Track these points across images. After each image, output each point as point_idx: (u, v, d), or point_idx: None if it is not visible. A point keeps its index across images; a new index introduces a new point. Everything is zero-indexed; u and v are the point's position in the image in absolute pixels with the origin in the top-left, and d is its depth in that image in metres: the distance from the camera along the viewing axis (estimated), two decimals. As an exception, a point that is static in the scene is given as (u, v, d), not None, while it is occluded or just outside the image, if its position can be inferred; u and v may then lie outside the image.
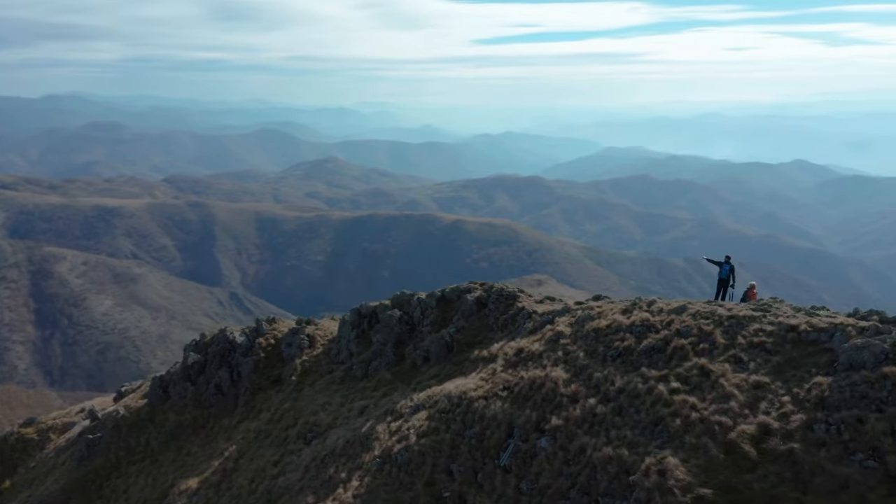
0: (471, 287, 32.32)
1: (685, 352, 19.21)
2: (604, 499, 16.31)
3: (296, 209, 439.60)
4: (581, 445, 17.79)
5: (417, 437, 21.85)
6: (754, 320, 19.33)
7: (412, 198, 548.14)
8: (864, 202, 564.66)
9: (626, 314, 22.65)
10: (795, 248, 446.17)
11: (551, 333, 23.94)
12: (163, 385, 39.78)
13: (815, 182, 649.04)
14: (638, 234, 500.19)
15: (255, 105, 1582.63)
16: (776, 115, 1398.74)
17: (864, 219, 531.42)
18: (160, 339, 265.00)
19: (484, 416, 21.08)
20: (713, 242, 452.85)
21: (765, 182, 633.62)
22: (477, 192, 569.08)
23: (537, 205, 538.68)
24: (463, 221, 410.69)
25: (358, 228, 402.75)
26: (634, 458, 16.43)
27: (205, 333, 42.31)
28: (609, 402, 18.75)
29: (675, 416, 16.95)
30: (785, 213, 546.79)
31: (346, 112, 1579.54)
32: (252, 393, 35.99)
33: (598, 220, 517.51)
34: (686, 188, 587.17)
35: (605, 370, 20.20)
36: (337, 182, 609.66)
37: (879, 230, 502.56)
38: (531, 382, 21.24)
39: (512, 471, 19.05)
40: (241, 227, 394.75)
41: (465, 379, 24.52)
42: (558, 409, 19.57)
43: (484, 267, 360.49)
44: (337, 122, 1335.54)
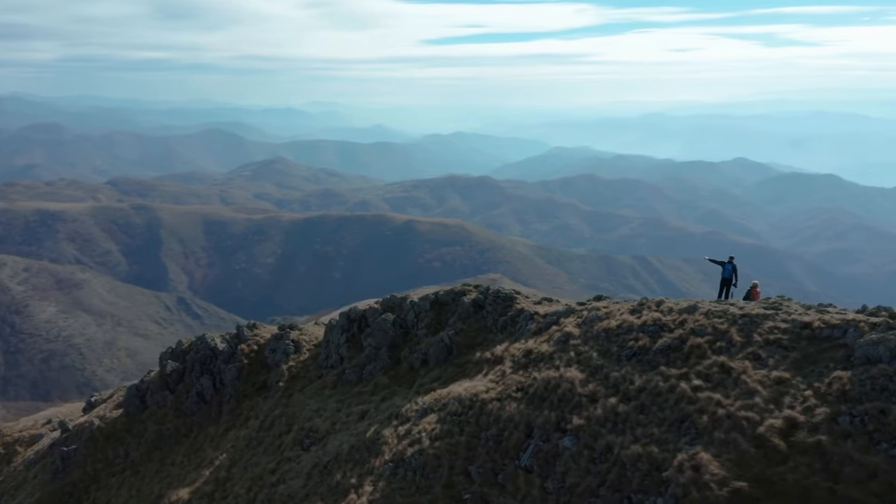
0: (465, 289, 32.40)
1: (703, 350, 19.67)
2: (636, 495, 16.64)
3: (244, 211, 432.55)
4: (607, 444, 18.11)
5: (431, 440, 21.85)
6: (767, 318, 19.91)
7: (363, 198, 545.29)
8: (802, 198, 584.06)
9: (635, 314, 23.03)
10: (739, 244, 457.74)
11: (559, 334, 24.16)
12: (139, 394, 38.69)
13: (756, 180, 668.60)
14: (587, 233, 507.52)
15: (201, 105, 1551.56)
16: (718, 115, 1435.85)
17: (803, 215, 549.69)
18: (106, 346, 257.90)
19: (500, 418, 21.21)
20: (660, 240, 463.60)
21: (708, 180, 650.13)
22: (428, 193, 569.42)
23: (488, 205, 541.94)
24: (415, 222, 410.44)
25: (308, 230, 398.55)
26: (665, 454, 16.81)
27: (181, 341, 41.34)
28: (630, 401, 19.09)
29: (702, 412, 17.40)
30: (728, 210, 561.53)
31: (294, 112, 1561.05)
32: (237, 400, 35.32)
33: (548, 220, 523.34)
34: (632, 187, 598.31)
35: (621, 370, 20.52)
36: (286, 183, 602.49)
37: (818, 226, 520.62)
38: (546, 383, 21.45)
39: (534, 471, 19.26)
40: (188, 230, 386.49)
41: (473, 381, 24.61)
42: (578, 409, 19.83)
43: (437, 267, 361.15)
44: (285, 123, 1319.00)
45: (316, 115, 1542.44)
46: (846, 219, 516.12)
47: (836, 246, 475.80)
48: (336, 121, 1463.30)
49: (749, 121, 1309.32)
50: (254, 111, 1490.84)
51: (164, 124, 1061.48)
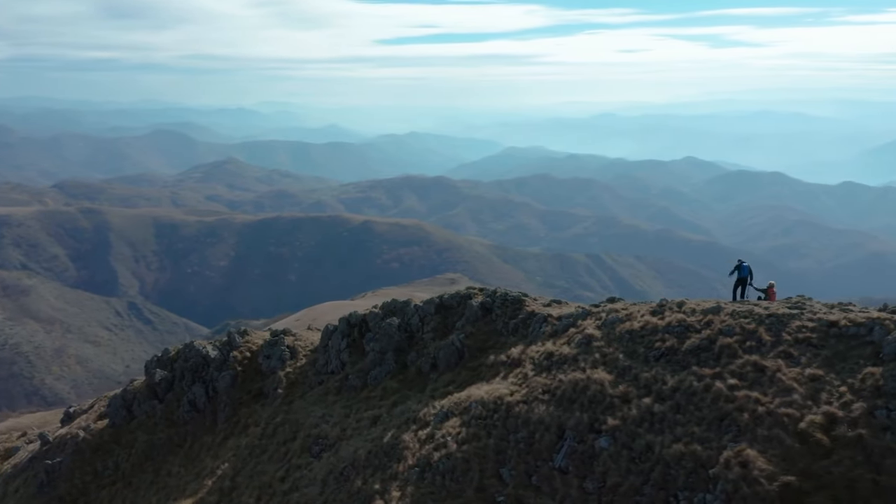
0: (470, 293, 32.38)
1: (733, 350, 20.14)
2: (683, 493, 17.01)
3: (196, 213, 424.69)
4: (647, 443, 18.43)
5: (458, 444, 21.86)
6: (794, 317, 20.51)
7: (318, 199, 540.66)
8: (749, 196, 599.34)
9: (656, 315, 23.40)
10: (689, 241, 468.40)
11: (580, 336, 24.35)
12: (125, 404, 37.59)
13: (704, 178, 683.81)
14: (542, 232, 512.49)
15: (150, 106, 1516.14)
16: (667, 115, 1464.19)
17: (750, 212, 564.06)
18: (56, 354, 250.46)
19: (529, 420, 21.34)
20: (612, 238, 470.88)
21: (658, 179, 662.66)
22: (385, 193, 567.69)
23: (445, 204, 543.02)
24: (372, 222, 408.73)
25: (262, 232, 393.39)
26: (710, 452, 17.23)
27: (168, 349, 40.33)
28: (665, 401, 19.45)
29: (742, 410, 17.89)
30: (678, 208, 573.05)
31: (245, 112, 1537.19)
32: (233, 408, 34.63)
33: (503, 219, 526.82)
34: (585, 186, 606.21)
35: (651, 370, 20.84)
36: (238, 184, 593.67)
37: (765, 222, 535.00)
38: (573, 385, 21.64)
39: (570, 471, 19.45)
40: (138, 234, 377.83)
41: (492, 384, 24.65)
42: (611, 410, 20.11)
43: (395, 268, 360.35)
44: (236, 123, 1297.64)
45: (268, 116, 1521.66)
46: (792, 215, 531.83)
47: (783, 242, 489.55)
48: (289, 121, 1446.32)
49: (697, 120, 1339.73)
50: (204, 111, 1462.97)
51: (113, 125, 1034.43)
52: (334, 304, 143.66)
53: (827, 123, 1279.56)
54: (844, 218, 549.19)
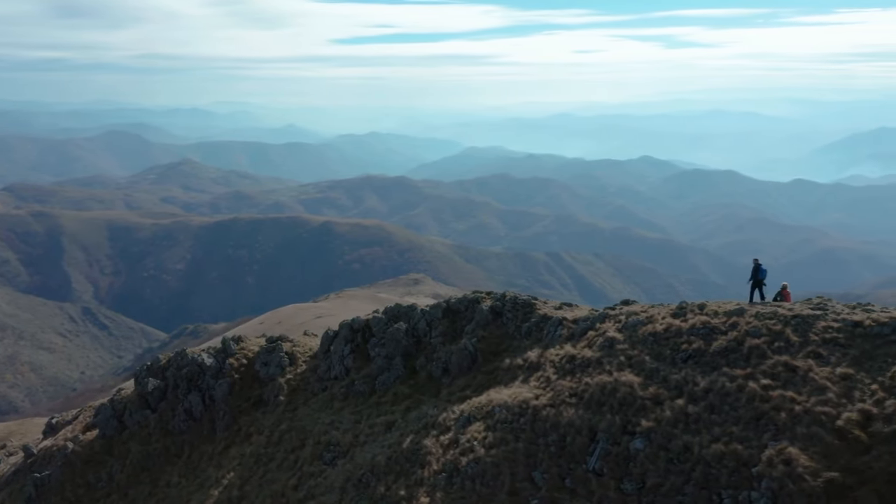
0: (478, 297, 32.35)
1: (762, 350, 20.60)
2: (726, 491, 17.39)
3: (151, 216, 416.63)
4: (685, 444, 18.75)
5: (486, 448, 21.90)
6: (818, 318, 21.09)
7: (276, 200, 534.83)
8: (704, 194, 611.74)
9: (678, 318, 23.74)
10: (646, 238, 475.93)
11: (602, 339, 24.53)
12: (116, 414, 36.62)
13: (660, 177, 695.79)
14: (502, 231, 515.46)
15: (102, 106, 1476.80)
16: (623, 115, 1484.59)
17: (704, 209, 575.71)
18: (8, 361, 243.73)
19: (559, 424, 21.48)
20: (571, 236, 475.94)
21: (615, 178, 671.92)
22: (345, 193, 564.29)
23: (406, 205, 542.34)
24: (332, 223, 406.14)
25: (220, 234, 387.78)
26: (751, 451, 17.67)
27: (159, 357, 39.41)
28: (699, 402, 19.80)
29: (778, 409, 18.36)
30: (635, 206, 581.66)
31: (200, 112, 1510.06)
32: (232, 416, 34.03)
33: (464, 219, 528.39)
34: (544, 185, 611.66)
35: (681, 372, 21.16)
36: (194, 186, 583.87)
37: (719, 219, 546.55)
38: (601, 388, 21.84)
39: (605, 473, 19.66)
40: (92, 237, 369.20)
41: (514, 388, 24.69)
42: (643, 412, 20.39)
43: (356, 269, 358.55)
44: (191, 123, 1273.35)
45: (224, 116, 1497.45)
46: (745, 212, 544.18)
47: (737, 238, 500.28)
48: (245, 121, 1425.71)
49: (652, 120, 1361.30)
50: (158, 112, 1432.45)
51: (64, 127, 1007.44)
52: (298, 306, 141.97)
53: (778, 122, 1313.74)
54: (796, 214, 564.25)
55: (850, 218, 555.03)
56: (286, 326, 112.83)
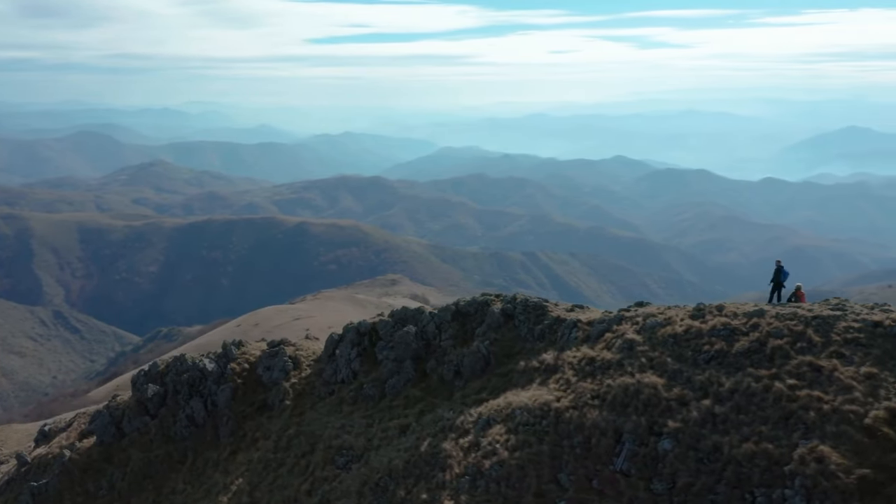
0: (487, 299, 32.38)
1: (785, 351, 20.93)
2: (759, 490, 17.74)
3: (123, 217, 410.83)
4: (714, 444, 19.02)
5: (509, 451, 21.95)
6: (839, 319, 21.50)
7: (250, 201, 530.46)
8: (677, 193, 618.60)
9: (697, 319, 23.98)
10: (620, 237, 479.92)
11: (620, 341, 24.68)
12: (114, 421, 36.01)
13: (633, 176, 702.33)
14: (478, 231, 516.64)
15: (72, 107, 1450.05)
16: (596, 115, 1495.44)
17: (677, 208, 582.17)
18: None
19: (583, 426, 21.61)
20: (547, 236, 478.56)
21: (589, 178, 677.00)
22: (320, 194, 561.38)
23: (381, 205, 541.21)
24: (308, 224, 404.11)
25: (193, 235, 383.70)
26: (782, 450, 18.04)
27: (157, 362, 38.85)
28: (725, 403, 20.06)
29: (807, 409, 18.71)
30: (609, 206, 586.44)
31: (172, 113, 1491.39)
32: (237, 422, 33.68)
33: (440, 219, 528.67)
34: (520, 185, 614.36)
35: (704, 373, 21.39)
36: (166, 187, 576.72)
37: (692, 218, 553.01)
38: (624, 389, 22.01)
39: (632, 474, 19.87)
40: (62, 240, 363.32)
41: (532, 391, 24.77)
42: (669, 413, 20.61)
43: (332, 269, 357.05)
44: (163, 124, 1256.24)
45: (196, 116, 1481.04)
46: (717, 211, 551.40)
47: (709, 237, 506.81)
48: (218, 121, 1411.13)
49: (625, 120, 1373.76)
50: (129, 112, 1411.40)
51: (33, 128, 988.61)
52: (275, 308, 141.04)
53: (748, 122, 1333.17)
54: (766, 213, 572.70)
55: (820, 216, 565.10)
56: (264, 328, 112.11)
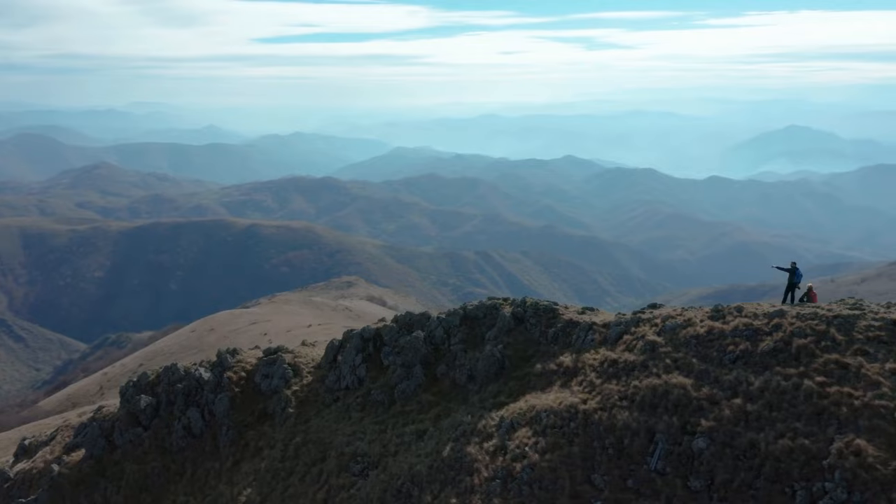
0: (496, 303, 32.54)
1: (810, 350, 21.64)
2: (799, 484, 18.39)
3: (67, 222, 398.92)
4: (750, 441, 19.62)
5: (540, 453, 22.20)
6: (858, 318, 22.34)
7: (199, 203, 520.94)
8: (625, 192, 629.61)
9: (718, 320, 24.60)
10: (571, 236, 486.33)
11: (642, 343, 25.12)
12: (104, 433, 34.93)
13: (583, 175, 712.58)
14: (432, 231, 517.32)
15: (11, 108, 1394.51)
16: (546, 115, 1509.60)
17: (626, 206, 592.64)
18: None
19: (614, 427, 21.99)
20: (500, 235, 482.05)
21: (540, 177, 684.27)
22: (270, 195, 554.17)
23: (334, 205, 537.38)
24: (258, 225, 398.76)
25: (140, 239, 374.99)
26: (818, 445, 18.75)
27: (146, 373, 37.80)
28: (756, 401, 20.67)
29: (838, 405, 19.46)
30: (559, 205, 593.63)
31: (116, 114, 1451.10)
32: (237, 431, 33.07)
33: (394, 219, 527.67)
34: (472, 185, 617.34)
35: (731, 373, 21.99)
36: (112, 190, 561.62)
37: (640, 216, 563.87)
38: (652, 390, 22.47)
39: (668, 473, 20.33)
40: (4, 246, 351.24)
41: (554, 394, 25.05)
42: (701, 412, 21.14)
43: (285, 272, 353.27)
44: (107, 125, 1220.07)
45: (141, 117, 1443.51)
46: (664, 209, 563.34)
47: (657, 234, 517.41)
48: (164, 122, 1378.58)
49: (575, 120, 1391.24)
50: (71, 114, 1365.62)
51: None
52: (232, 312, 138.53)
53: (693, 121, 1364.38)
54: (712, 210, 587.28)
55: (764, 212, 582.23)
56: (220, 334, 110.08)
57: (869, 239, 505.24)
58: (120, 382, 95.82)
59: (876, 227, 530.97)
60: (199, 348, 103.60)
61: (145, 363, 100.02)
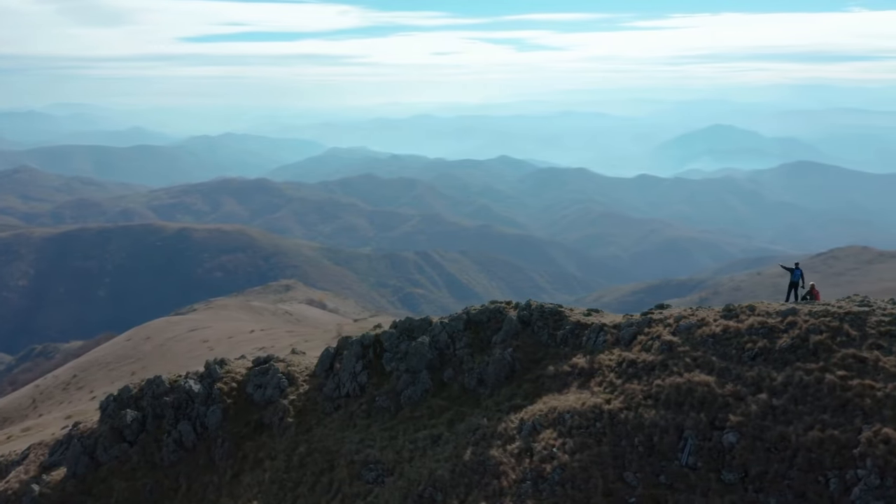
0: (499, 307, 32.76)
1: (827, 345, 22.63)
2: (832, 472, 19.29)
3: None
4: (780, 434, 20.46)
5: (570, 454, 22.58)
6: (868, 314, 23.48)
7: (126, 207, 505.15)
8: (558, 191, 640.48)
9: (732, 319, 25.47)
10: (507, 235, 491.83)
11: (658, 343, 25.78)
12: (86, 450, 33.47)
13: (517, 175, 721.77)
14: (370, 232, 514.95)
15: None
16: (481, 115, 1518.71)
17: (560, 205, 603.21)
18: None
19: (642, 425, 22.56)
20: (438, 235, 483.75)
21: (476, 177, 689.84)
22: (201, 198, 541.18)
23: (268, 207, 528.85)
24: (189, 229, 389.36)
25: (66, 245, 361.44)
26: (847, 435, 19.68)
27: (129, 386, 36.39)
28: (781, 395, 21.54)
29: (861, 396, 20.46)
30: (495, 204, 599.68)
31: (36, 115, 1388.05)
32: (234, 443, 32.23)
33: (330, 221, 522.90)
34: (409, 185, 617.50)
35: (752, 369, 22.84)
36: (33, 194, 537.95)
37: (573, 214, 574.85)
38: (676, 388, 23.14)
39: (699, 467, 21.04)
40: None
41: (574, 395, 25.48)
42: (727, 408, 21.90)
43: (218, 276, 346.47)
44: (27, 128, 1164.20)
45: (64, 118, 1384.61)
46: (597, 207, 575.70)
47: (590, 232, 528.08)
48: (87, 124, 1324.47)
49: (508, 120, 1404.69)
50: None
51: None
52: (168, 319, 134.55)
53: (622, 122, 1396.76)
54: (642, 207, 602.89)
55: (691, 209, 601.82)
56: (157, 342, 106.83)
57: (791, 233, 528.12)
58: (54, 395, 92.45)
59: (797, 221, 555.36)
60: (136, 357, 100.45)
61: (79, 374, 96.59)
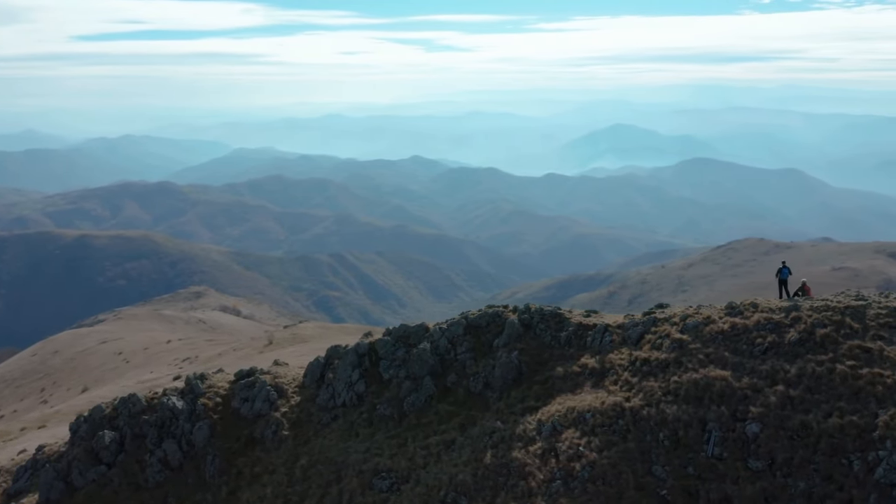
0: (498, 311, 32.99)
1: (833, 338, 24.15)
2: (855, 454, 20.71)
3: None
4: (801, 422, 21.80)
5: (598, 451, 23.29)
6: (867, 307, 25.18)
7: (19, 214, 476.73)
8: (470, 190, 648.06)
9: (737, 316, 26.72)
10: (422, 235, 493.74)
11: (669, 342, 26.78)
12: (60, 475, 31.36)
13: (429, 175, 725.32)
14: (281, 234, 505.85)
15: None
16: (391, 115, 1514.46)
17: (472, 205, 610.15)
18: None
19: (665, 420, 23.48)
20: (352, 236, 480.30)
21: (389, 177, 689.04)
22: (100, 203, 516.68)
23: (172, 211, 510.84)
24: (89, 236, 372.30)
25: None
26: (865, 420, 21.17)
27: (101, 406, 34.31)
28: (797, 386, 22.88)
29: (872, 384, 22.05)
30: (409, 204, 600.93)
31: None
32: (225, 459, 31.03)
33: (239, 223, 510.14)
34: (321, 186, 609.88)
35: (765, 363, 24.10)
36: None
37: (485, 213, 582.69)
38: (694, 384, 24.18)
39: (725, 457, 22.16)
40: None
41: (588, 394, 26.18)
42: (746, 400, 23.09)
43: (122, 285, 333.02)
44: None
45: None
46: (507, 206, 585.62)
47: (502, 230, 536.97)
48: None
49: (419, 121, 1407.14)
50: None
51: None
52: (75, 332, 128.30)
53: (529, 121, 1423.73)
54: (550, 205, 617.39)
55: (597, 206, 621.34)
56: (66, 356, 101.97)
57: (690, 227, 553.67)
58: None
59: (695, 215, 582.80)
60: (44, 373, 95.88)
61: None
